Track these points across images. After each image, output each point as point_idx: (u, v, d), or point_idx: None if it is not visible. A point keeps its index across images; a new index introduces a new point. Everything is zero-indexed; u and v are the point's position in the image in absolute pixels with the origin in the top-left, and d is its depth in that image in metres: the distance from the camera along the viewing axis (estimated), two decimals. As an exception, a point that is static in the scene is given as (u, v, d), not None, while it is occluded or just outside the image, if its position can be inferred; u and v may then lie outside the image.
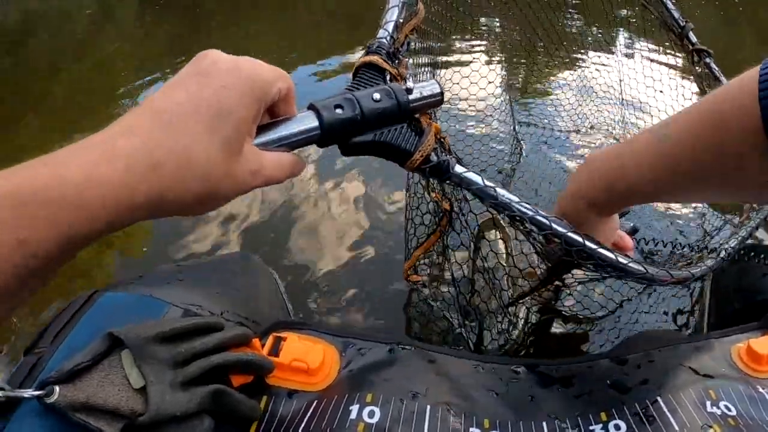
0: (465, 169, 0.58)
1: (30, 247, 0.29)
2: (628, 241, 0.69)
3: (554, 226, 0.59)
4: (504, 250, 1.10)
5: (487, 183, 0.59)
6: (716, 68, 1.08)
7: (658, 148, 0.52)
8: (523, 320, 1.08)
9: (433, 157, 0.55)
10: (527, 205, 0.59)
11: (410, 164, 0.54)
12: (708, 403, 0.57)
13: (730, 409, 0.56)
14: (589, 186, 0.61)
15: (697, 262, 0.74)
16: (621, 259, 0.61)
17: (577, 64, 1.96)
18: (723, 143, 0.44)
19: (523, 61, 2.04)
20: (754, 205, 0.93)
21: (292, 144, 0.44)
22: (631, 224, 0.74)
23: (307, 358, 0.58)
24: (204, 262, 0.75)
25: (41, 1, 5.30)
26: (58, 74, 3.79)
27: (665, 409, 0.56)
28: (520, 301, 0.99)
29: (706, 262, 0.74)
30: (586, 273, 0.78)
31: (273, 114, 0.44)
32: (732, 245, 0.80)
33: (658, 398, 0.58)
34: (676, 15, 1.13)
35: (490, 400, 0.60)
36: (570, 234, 0.60)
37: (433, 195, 0.71)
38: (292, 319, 0.81)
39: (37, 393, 0.46)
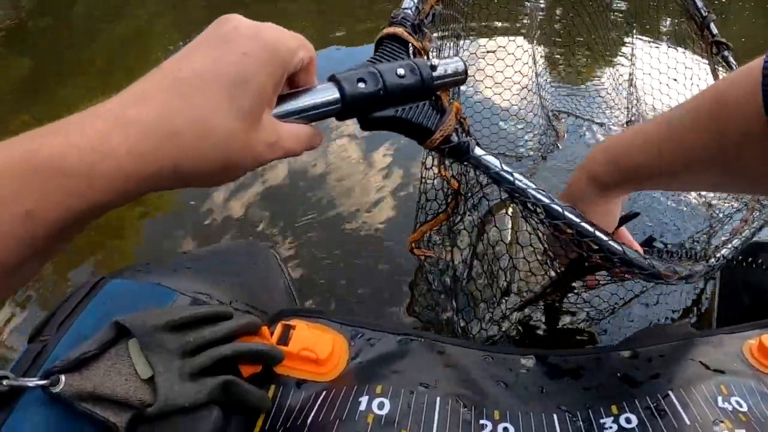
0: (484, 152, 0.57)
1: (38, 219, 0.28)
2: (636, 247, 0.68)
3: (567, 214, 0.58)
4: (509, 238, 1.10)
5: (505, 167, 0.58)
6: (734, 62, 1.06)
7: (665, 129, 0.52)
8: (517, 313, 1.08)
9: (454, 138, 0.54)
10: (543, 192, 0.59)
11: (430, 143, 0.53)
12: (719, 399, 0.56)
13: (741, 405, 0.56)
14: (594, 160, 0.61)
15: (701, 260, 0.73)
16: (629, 253, 0.61)
17: (616, 58, 1.94)
18: (725, 128, 0.44)
19: (559, 49, 2.03)
20: (760, 201, 0.92)
21: (311, 116, 0.42)
22: (648, 235, 0.73)
23: (316, 348, 0.57)
24: (211, 250, 0.74)
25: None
26: (96, 36, 3.83)
27: (677, 404, 0.56)
28: (527, 305, 0.98)
29: (710, 261, 0.73)
30: (596, 278, 0.77)
31: (293, 84, 0.42)
32: (735, 244, 0.79)
33: (670, 392, 0.57)
34: (699, 4, 1.11)
35: (500, 391, 0.59)
36: (583, 224, 0.59)
37: (444, 173, 0.70)
38: (300, 307, 0.80)
39: (42, 382, 0.45)
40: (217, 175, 0.36)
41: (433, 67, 0.49)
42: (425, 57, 0.56)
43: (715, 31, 1.09)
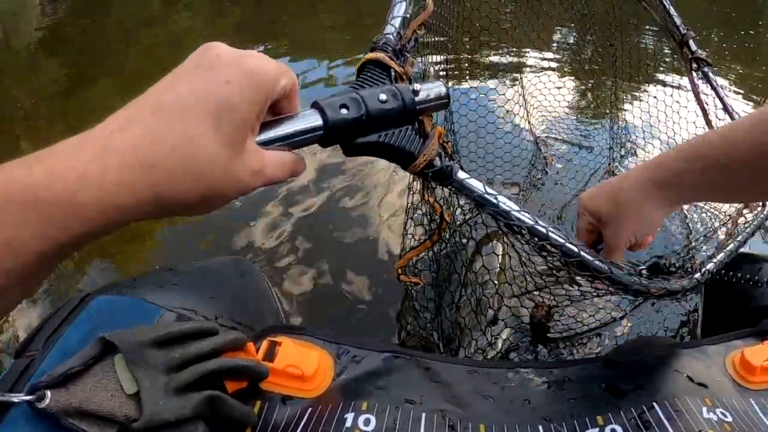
0: (467, 175, 0.58)
1: (17, 248, 0.28)
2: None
3: (552, 236, 0.59)
4: (498, 266, 1.10)
5: (489, 190, 0.58)
6: (714, 78, 1.08)
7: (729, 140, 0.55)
8: (502, 340, 1.08)
9: (437, 162, 0.55)
10: (527, 214, 0.59)
11: (413, 167, 0.54)
12: (704, 410, 0.57)
13: (726, 416, 0.56)
14: (666, 160, 0.62)
15: (685, 274, 0.74)
16: (615, 271, 0.61)
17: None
18: None
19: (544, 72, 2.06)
20: (743, 214, 0.94)
21: (294, 143, 0.42)
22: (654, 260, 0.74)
23: (302, 365, 0.57)
24: (197, 266, 0.74)
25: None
26: (131, 43, 3.95)
27: (661, 415, 0.56)
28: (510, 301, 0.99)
29: (695, 275, 0.74)
30: (580, 290, 0.77)
31: (275, 111, 0.42)
32: (721, 258, 0.80)
33: (654, 404, 0.58)
34: (678, 22, 1.14)
35: (485, 405, 0.59)
36: (568, 245, 0.60)
37: (428, 198, 0.70)
38: (286, 324, 0.80)
39: (28, 397, 0.45)
40: (199, 205, 0.36)
41: (416, 92, 0.50)
42: (407, 82, 0.57)
43: (694, 47, 1.12)
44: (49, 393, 0.45)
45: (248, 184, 0.38)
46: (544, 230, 0.59)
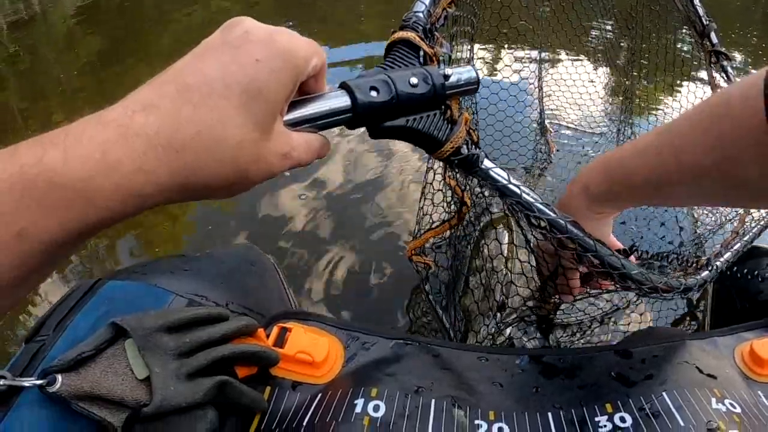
0: (493, 164, 0.57)
1: (32, 237, 0.27)
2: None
3: (571, 228, 0.58)
4: (506, 252, 1.10)
5: (513, 180, 0.57)
6: (732, 72, 1.06)
7: (665, 135, 0.51)
8: (511, 327, 1.08)
9: (464, 150, 0.54)
10: (549, 206, 0.59)
11: (440, 154, 0.53)
12: (713, 400, 0.57)
13: (734, 407, 0.56)
14: (588, 172, 0.61)
15: (694, 272, 0.73)
16: (628, 268, 0.61)
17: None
18: (727, 132, 0.42)
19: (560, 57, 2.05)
20: (751, 213, 0.92)
21: (322, 125, 0.41)
22: (631, 244, 0.73)
23: (312, 351, 0.58)
24: (207, 253, 0.74)
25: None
26: (166, 21, 3.97)
27: (670, 405, 0.56)
28: (521, 316, 0.98)
29: (702, 273, 0.73)
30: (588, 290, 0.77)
31: (303, 90, 0.40)
32: (727, 258, 0.79)
33: (664, 393, 0.58)
34: (701, 12, 1.11)
35: (494, 391, 0.59)
36: (586, 239, 0.59)
37: (450, 181, 0.69)
38: (296, 309, 0.80)
39: (39, 382, 0.45)
40: (226, 189, 0.34)
41: (446, 77, 0.48)
42: (436, 63, 0.55)
43: (715, 40, 1.09)
44: (60, 377, 0.45)
45: (276, 168, 0.37)
46: (564, 223, 0.58)
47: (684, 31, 1.20)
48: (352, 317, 1.27)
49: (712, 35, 1.10)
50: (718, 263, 0.76)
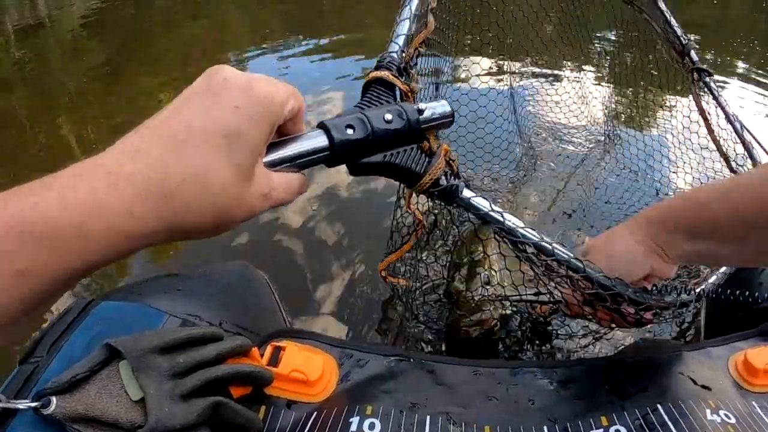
0: (473, 194, 0.58)
1: (30, 278, 0.28)
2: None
3: (558, 251, 0.59)
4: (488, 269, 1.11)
5: (494, 208, 0.58)
6: (715, 88, 1.08)
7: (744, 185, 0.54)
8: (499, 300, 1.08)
9: (443, 181, 0.55)
10: (532, 231, 0.59)
11: (419, 187, 0.53)
12: (708, 411, 0.57)
13: (729, 417, 0.56)
14: (666, 202, 0.61)
15: (688, 290, 0.73)
16: (620, 287, 0.62)
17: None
18: None
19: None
20: None
21: (301, 164, 0.42)
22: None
23: (306, 370, 0.58)
24: (200, 272, 0.74)
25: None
26: (173, 30, 4.05)
27: (665, 417, 0.56)
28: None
29: (696, 289, 0.73)
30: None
31: (282, 131, 0.42)
32: (714, 280, 0.79)
33: (658, 405, 0.58)
34: (679, 32, 1.13)
35: (490, 406, 0.60)
36: (573, 260, 0.60)
37: (411, 207, 0.70)
38: (290, 328, 0.81)
39: (33, 404, 0.45)
40: (211, 230, 0.36)
41: (420, 111, 0.49)
42: (412, 99, 0.57)
43: (695, 58, 1.11)
44: (54, 399, 0.45)
45: (257, 208, 0.38)
46: (549, 246, 0.59)
47: (664, 49, 1.21)
48: (347, 334, 1.27)
49: (692, 53, 1.11)
50: (714, 278, 0.76)
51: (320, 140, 0.43)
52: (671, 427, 0.55)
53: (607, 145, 1.76)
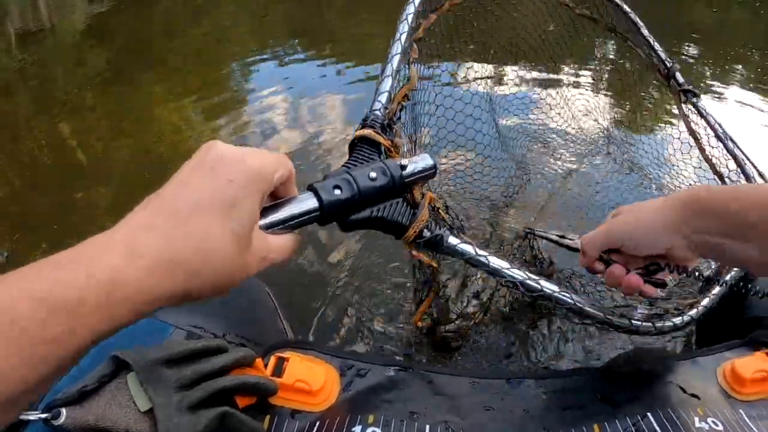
0: (458, 241, 0.61)
1: (61, 345, 0.30)
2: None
3: (544, 288, 0.63)
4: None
5: (479, 252, 0.62)
6: (703, 107, 1.10)
7: None
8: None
9: (426, 233, 0.58)
10: (517, 271, 0.63)
11: (405, 239, 0.56)
12: (696, 420, 0.59)
13: (717, 425, 0.58)
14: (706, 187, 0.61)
15: (680, 313, 0.75)
16: (608, 317, 0.66)
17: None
18: None
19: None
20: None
21: (294, 225, 0.45)
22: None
23: (309, 380, 0.59)
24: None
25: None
26: (174, 36, 4.03)
27: (655, 425, 0.58)
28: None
29: (690, 312, 0.74)
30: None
31: (275, 195, 0.46)
32: (706, 303, 0.80)
33: (649, 414, 0.60)
34: (663, 56, 1.15)
35: (486, 415, 0.61)
36: (559, 296, 0.64)
37: (416, 255, 0.71)
38: (292, 339, 0.82)
39: (44, 415, 0.46)
40: (215, 293, 0.39)
41: (403, 167, 0.52)
42: (396, 154, 0.60)
43: (681, 79, 1.13)
44: (64, 410, 0.46)
45: (254, 269, 0.41)
46: (535, 284, 0.63)
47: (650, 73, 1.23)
48: (346, 346, 1.27)
49: (677, 75, 1.13)
50: (703, 303, 0.77)
51: (310, 202, 0.46)
52: None
53: (597, 164, 1.76)
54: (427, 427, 0.58)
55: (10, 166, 2.17)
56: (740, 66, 3.32)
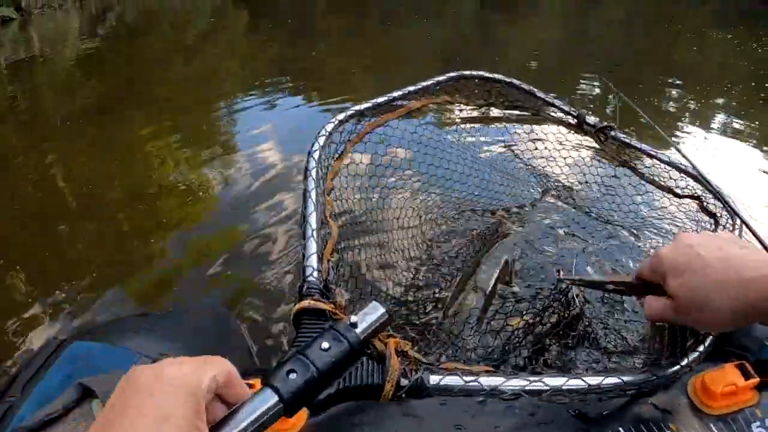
0: (440, 376, 0.56)
1: None
2: None
3: (550, 384, 0.57)
4: None
5: (467, 378, 0.56)
6: (623, 136, 1.10)
7: None
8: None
9: (404, 381, 0.53)
10: (515, 381, 0.57)
11: (384, 398, 0.52)
12: None
13: None
14: None
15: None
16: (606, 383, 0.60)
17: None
18: None
19: None
20: None
21: (259, 428, 0.41)
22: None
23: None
24: (170, 311, 0.75)
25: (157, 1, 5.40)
26: (166, 69, 4.13)
27: None
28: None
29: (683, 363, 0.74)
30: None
31: (227, 402, 0.42)
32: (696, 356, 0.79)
33: (620, 429, 0.60)
34: (566, 108, 1.17)
35: None
36: (562, 388, 0.58)
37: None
38: (259, 366, 0.81)
39: (5, 445, 0.46)
40: None
41: (354, 325, 0.49)
42: (343, 312, 0.57)
43: (592, 121, 1.13)
44: (27, 439, 0.46)
45: None
46: (546, 387, 0.57)
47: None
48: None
49: (587, 118, 1.14)
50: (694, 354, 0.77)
51: (269, 398, 0.42)
52: None
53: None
54: None
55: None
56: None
